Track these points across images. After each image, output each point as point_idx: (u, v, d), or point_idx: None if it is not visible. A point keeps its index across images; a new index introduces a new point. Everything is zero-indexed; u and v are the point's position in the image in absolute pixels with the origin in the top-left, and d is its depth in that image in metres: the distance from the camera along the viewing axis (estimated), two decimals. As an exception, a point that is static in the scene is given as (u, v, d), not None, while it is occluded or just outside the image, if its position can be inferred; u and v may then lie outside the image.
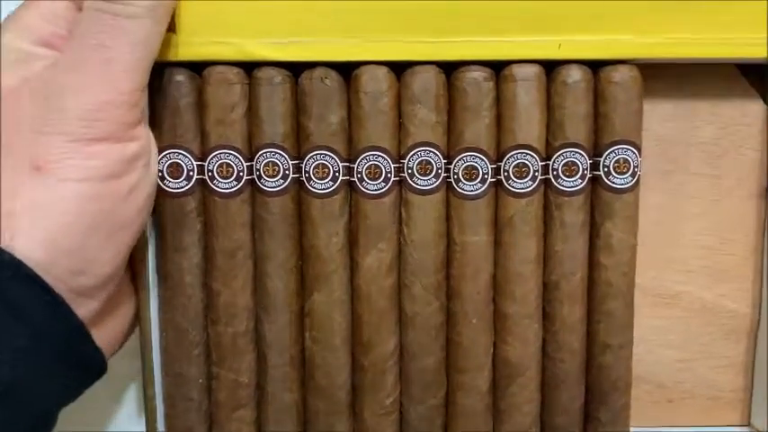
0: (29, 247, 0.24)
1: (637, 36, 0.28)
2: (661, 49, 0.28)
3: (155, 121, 0.30)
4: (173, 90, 0.29)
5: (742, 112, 0.31)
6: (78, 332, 0.25)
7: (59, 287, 0.24)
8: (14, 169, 0.24)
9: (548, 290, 0.31)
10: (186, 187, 0.30)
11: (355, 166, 0.30)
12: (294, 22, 0.28)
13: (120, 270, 0.27)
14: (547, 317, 0.31)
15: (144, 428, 0.31)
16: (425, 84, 0.29)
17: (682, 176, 0.32)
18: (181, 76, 0.29)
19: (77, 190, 0.24)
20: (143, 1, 0.25)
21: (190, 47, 0.29)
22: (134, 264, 0.30)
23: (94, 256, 0.25)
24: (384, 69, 0.29)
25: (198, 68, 0.30)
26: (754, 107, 0.31)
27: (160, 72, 0.29)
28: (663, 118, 0.31)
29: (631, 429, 0.32)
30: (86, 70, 0.25)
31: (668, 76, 0.31)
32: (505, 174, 0.30)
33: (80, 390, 0.27)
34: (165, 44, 0.29)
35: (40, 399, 0.24)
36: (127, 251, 0.27)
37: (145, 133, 0.27)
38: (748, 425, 0.33)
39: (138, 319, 0.30)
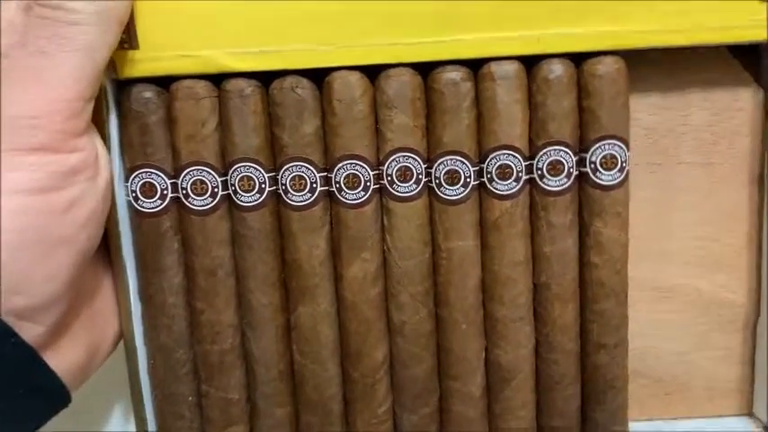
0: None
1: (620, 25, 0.27)
2: (647, 38, 0.27)
3: (125, 141, 0.29)
4: (140, 107, 0.28)
5: (735, 97, 0.30)
6: (24, 353, 0.24)
7: None
8: None
9: (538, 291, 0.30)
10: (161, 206, 0.29)
11: (333, 175, 0.29)
12: (262, 31, 0.27)
13: (64, 292, 0.25)
14: (539, 318, 0.30)
15: (137, 449, 0.31)
16: (401, 87, 0.28)
17: (674, 166, 0.31)
18: (148, 93, 0.28)
19: (6, 203, 0.23)
20: (88, 7, 0.24)
21: (155, 62, 0.28)
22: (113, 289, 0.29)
23: (28, 274, 0.23)
24: (357, 75, 0.28)
25: (166, 84, 0.29)
26: (748, 92, 0.30)
27: (127, 90, 0.28)
28: (652, 106, 0.30)
29: (630, 423, 0.31)
30: (23, 77, 0.23)
31: (656, 63, 0.30)
32: (488, 176, 0.29)
33: (39, 419, 0.26)
34: (130, 61, 0.28)
35: None
36: (70, 270, 0.25)
37: (90, 145, 0.25)
38: (749, 415, 0.32)
39: (124, 342, 0.30)
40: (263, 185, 0.29)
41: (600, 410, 0.31)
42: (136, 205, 0.29)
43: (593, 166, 0.28)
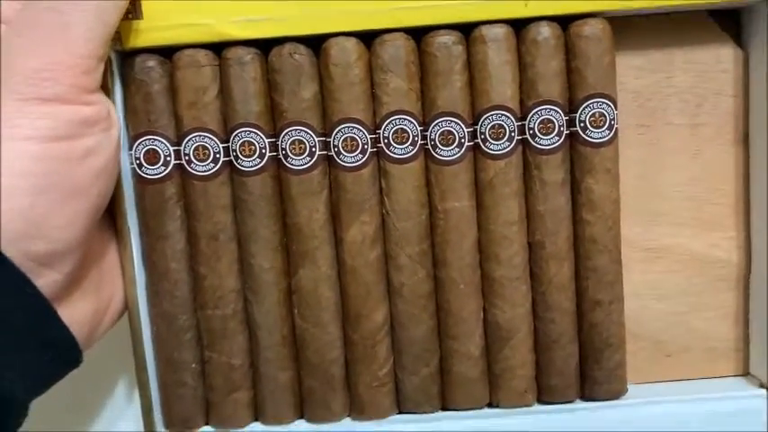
0: None
1: (604, -12, 0.28)
2: (631, 1, 0.28)
3: (129, 110, 0.30)
4: (144, 77, 0.29)
5: (717, 58, 0.31)
6: (38, 304, 0.25)
7: (15, 255, 0.24)
8: None
9: (533, 250, 0.30)
10: (164, 173, 0.30)
11: (331, 139, 0.30)
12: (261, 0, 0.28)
13: (80, 241, 0.26)
14: (534, 277, 0.31)
15: (141, 420, 0.31)
16: (395, 51, 0.29)
17: (661, 128, 0.32)
18: (151, 62, 0.29)
19: (23, 149, 0.24)
20: None
21: (157, 32, 0.29)
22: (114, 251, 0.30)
23: (47, 219, 0.24)
24: (353, 40, 0.29)
25: (168, 54, 0.30)
26: (729, 52, 0.31)
27: (131, 61, 0.29)
28: (637, 70, 0.31)
29: (629, 386, 0.32)
30: (38, 32, 0.24)
31: (639, 29, 0.31)
32: (482, 136, 0.29)
33: (51, 376, 0.26)
34: (133, 31, 0.29)
35: (1, 383, 0.24)
36: (85, 220, 0.26)
37: (103, 101, 0.27)
38: (747, 374, 0.33)
39: (128, 308, 0.30)
40: (264, 150, 0.30)
41: (598, 369, 0.31)
42: (140, 172, 0.30)
43: (582, 124, 0.29)
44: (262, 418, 0.32)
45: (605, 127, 0.29)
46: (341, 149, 0.29)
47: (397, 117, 0.29)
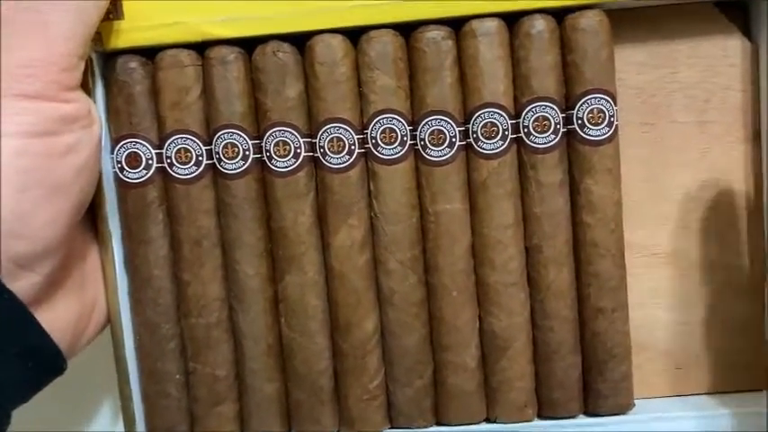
0: None
1: (600, -21, 0.27)
2: (627, -10, 0.27)
3: (110, 112, 0.29)
4: (126, 78, 0.29)
5: (724, 50, 0.29)
6: (15, 309, 0.24)
7: None
8: None
9: (530, 255, 0.29)
10: (146, 176, 0.29)
11: (317, 140, 0.28)
12: (243, -3, 0.28)
13: (61, 241, 0.26)
14: (532, 284, 0.29)
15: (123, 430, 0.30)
16: (383, 48, 0.28)
17: (666, 126, 0.30)
18: (133, 63, 0.29)
19: (5, 145, 0.24)
20: None
21: (139, 32, 0.28)
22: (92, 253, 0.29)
23: (28, 217, 0.24)
24: (338, 37, 0.28)
25: (150, 55, 0.29)
26: (736, 44, 0.29)
27: (113, 62, 0.29)
28: (639, 65, 0.30)
29: (636, 400, 0.30)
30: (18, 30, 0.24)
31: (640, 21, 0.29)
32: (474, 135, 0.28)
33: (33, 384, 0.26)
34: (115, 32, 0.28)
35: None
36: (66, 218, 0.26)
37: (83, 99, 0.26)
38: (765, 389, 0.31)
39: (109, 317, 0.30)
40: (247, 152, 0.29)
41: (602, 381, 0.29)
42: (121, 176, 0.29)
43: (580, 121, 0.28)
44: (248, 432, 0.30)
45: (604, 124, 0.28)
46: (327, 150, 0.28)
47: (385, 116, 0.28)
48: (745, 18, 0.29)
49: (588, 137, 0.28)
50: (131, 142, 0.29)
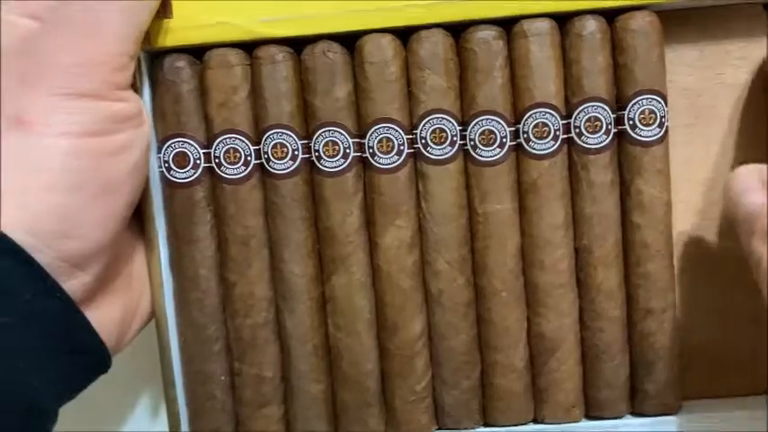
0: (13, 208, 0.23)
1: (652, -21, 0.27)
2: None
3: (157, 111, 0.29)
4: (173, 77, 0.28)
5: (772, 53, 0.29)
6: (68, 309, 0.24)
7: (48, 255, 0.23)
8: (1, 126, 0.24)
9: (580, 256, 0.29)
10: (194, 176, 0.29)
11: (366, 140, 0.28)
12: (293, -3, 0.28)
13: (111, 241, 0.26)
14: (581, 285, 0.29)
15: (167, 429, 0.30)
16: (433, 48, 0.28)
17: (714, 127, 0.30)
18: (181, 62, 0.29)
19: (59, 145, 0.24)
20: None
21: (187, 31, 0.28)
22: (142, 254, 0.29)
23: (81, 216, 0.24)
24: (388, 37, 0.28)
25: (198, 54, 0.29)
26: (785, 47, 0.29)
27: (160, 61, 0.29)
28: (688, 67, 0.30)
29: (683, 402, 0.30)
30: (73, 30, 0.24)
31: (689, 23, 0.29)
32: (525, 135, 0.28)
33: (80, 382, 0.26)
34: (163, 31, 0.28)
35: (28, 389, 0.23)
36: (118, 218, 0.26)
37: (134, 98, 0.26)
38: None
39: (155, 317, 0.29)
40: (296, 152, 0.29)
41: (649, 382, 0.29)
42: (168, 176, 0.29)
43: (631, 122, 0.28)
44: (294, 434, 0.30)
45: (655, 125, 0.28)
46: (376, 151, 0.28)
47: (434, 116, 0.28)
48: (793, 20, 0.29)
49: (639, 137, 0.28)
50: (179, 142, 0.29)
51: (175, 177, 0.29)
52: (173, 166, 0.29)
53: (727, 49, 0.29)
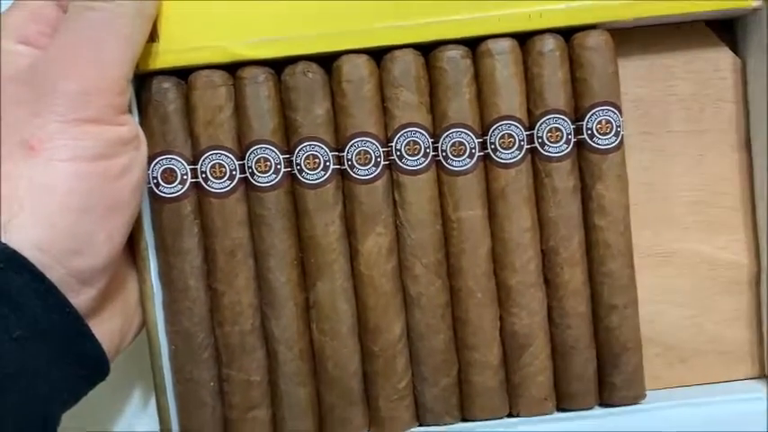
0: (26, 227, 0.24)
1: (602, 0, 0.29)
2: (627, 10, 0.29)
3: (146, 130, 0.30)
4: (160, 98, 0.30)
5: (715, 65, 0.32)
6: (75, 323, 0.25)
7: (59, 271, 0.25)
8: (10, 152, 0.25)
9: (547, 257, 0.31)
10: (181, 191, 0.30)
11: (345, 153, 0.30)
12: (273, 21, 0.29)
13: (116, 256, 0.27)
14: (549, 284, 0.31)
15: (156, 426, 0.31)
16: (405, 66, 0.30)
17: (665, 135, 0.32)
18: (167, 84, 0.30)
19: (68, 169, 0.25)
20: (131, 2, 0.27)
21: (173, 54, 0.30)
22: (135, 265, 0.30)
23: (90, 235, 0.26)
24: (364, 57, 0.30)
25: (183, 75, 0.30)
26: (727, 60, 0.32)
27: (147, 82, 0.30)
28: (638, 79, 0.32)
29: (646, 392, 0.32)
30: (77, 59, 0.26)
31: (638, 40, 0.32)
32: (492, 146, 0.30)
33: (82, 390, 0.27)
34: (150, 54, 0.30)
35: (41, 400, 0.24)
36: (122, 235, 0.27)
37: (132, 121, 0.28)
38: (763, 377, 0.33)
39: (146, 326, 0.31)
40: (279, 166, 0.30)
41: (616, 374, 0.31)
42: (157, 191, 0.30)
43: (589, 132, 0.30)
44: (281, 436, 0.32)
45: (612, 133, 0.30)
46: (354, 163, 0.30)
47: (408, 129, 0.30)
48: (732, 36, 0.32)
49: (597, 146, 0.30)
50: (166, 158, 0.30)
51: (164, 192, 0.30)
52: (161, 181, 0.30)
53: (673, 62, 0.32)
